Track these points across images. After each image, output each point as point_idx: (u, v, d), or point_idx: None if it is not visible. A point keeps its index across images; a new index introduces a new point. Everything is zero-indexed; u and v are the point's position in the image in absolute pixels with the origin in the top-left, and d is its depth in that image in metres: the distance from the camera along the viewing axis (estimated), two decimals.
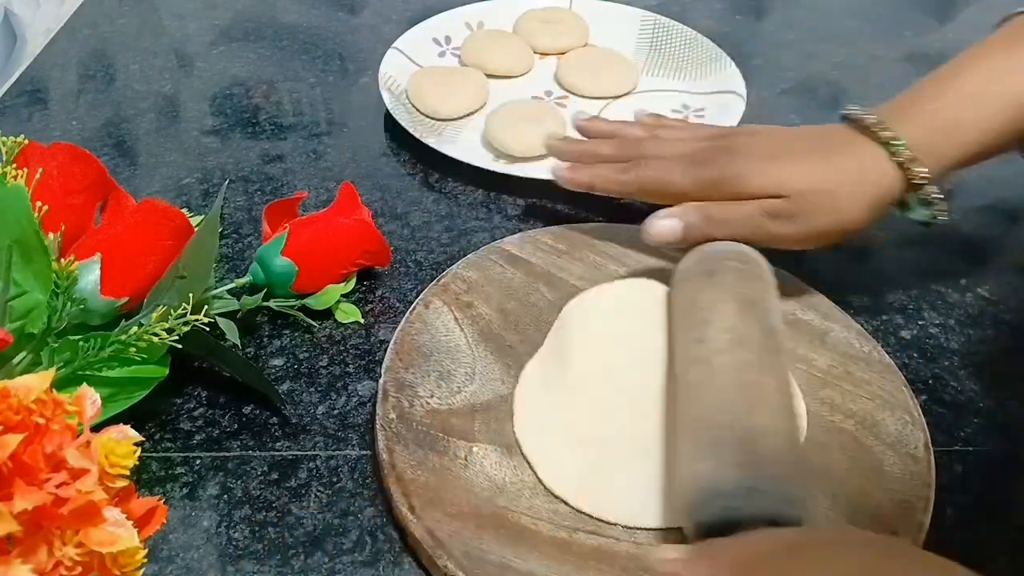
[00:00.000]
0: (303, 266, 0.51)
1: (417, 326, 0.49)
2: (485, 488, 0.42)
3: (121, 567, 0.30)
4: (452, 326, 0.49)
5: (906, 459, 0.44)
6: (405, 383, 0.46)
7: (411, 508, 0.40)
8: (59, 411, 0.30)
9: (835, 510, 0.41)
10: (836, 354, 0.49)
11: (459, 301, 0.51)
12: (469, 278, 0.52)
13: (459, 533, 0.39)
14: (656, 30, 0.80)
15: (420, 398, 0.45)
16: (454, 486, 0.41)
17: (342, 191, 0.54)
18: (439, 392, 0.46)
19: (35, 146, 0.47)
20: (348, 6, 0.87)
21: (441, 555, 0.38)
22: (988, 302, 0.57)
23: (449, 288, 0.52)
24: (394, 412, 0.44)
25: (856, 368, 0.48)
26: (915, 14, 0.90)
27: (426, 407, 0.45)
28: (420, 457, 0.42)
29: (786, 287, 0.52)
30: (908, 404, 0.46)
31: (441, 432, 0.44)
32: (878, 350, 0.49)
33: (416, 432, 0.43)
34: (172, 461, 0.45)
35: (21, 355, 0.41)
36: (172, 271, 0.45)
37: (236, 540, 0.41)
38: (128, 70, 0.76)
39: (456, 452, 0.43)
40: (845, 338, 0.50)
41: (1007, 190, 0.67)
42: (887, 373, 0.48)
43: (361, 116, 0.71)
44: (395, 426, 0.43)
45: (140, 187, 0.62)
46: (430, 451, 0.43)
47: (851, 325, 0.51)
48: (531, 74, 0.77)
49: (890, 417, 0.46)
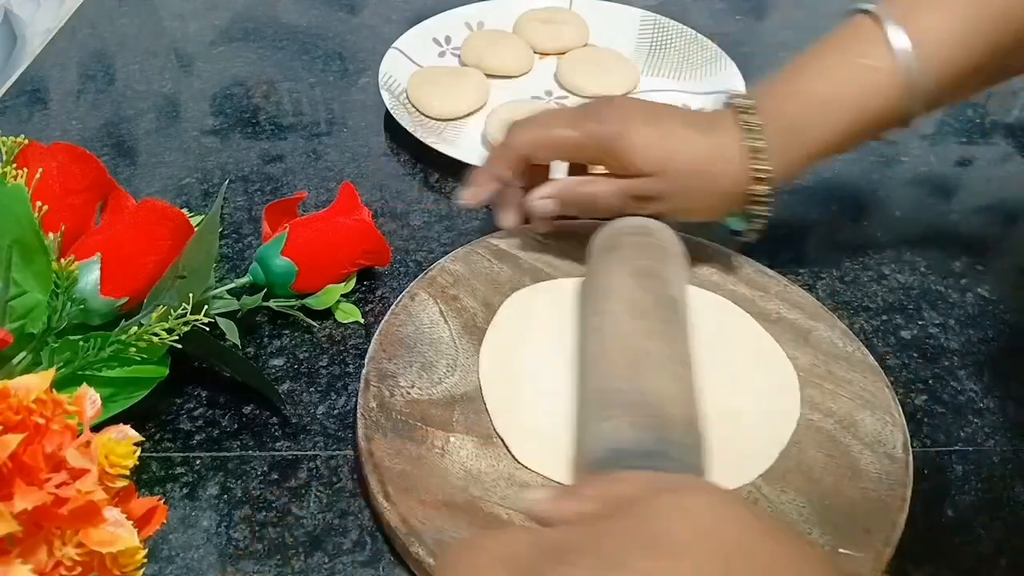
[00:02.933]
0: (303, 266, 0.51)
1: (402, 317, 0.50)
2: (460, 477, 0.42)
3: (121, 567, 0.30)
4: (437, 318, 0.50)
5: (883, 459, 0.44)
6: (387, 373, 0.46)
7: (386, 495, 0.41)
8: (59, 411, 0.30)
9: (809, 507, 0.42)
10: (819, 353, 0.49)
11: (445, 294, 0.51)
12: (456, 271, 0.53)
13: (432, 520, 0.40)
14: (656, 30, 0.80)
15: (401, 388, 0.46)
16: (430, 475, 0.42)
17: (342, 191, 0.54)
18: (420, 382, 0.46)
19: (35, 146, 0.47)
20: (348, 6, 0.87)
21: (413, 542, 0.39)
22: (988, 302, 0.57)
23: (436, 281, 0.52)
24: (375, 401, 0.45)
25: (838, 367, 0.48)
26: None
27: (406, 397, 0.45)
28: (398, 446, 0.43)
29: (770, 284, 0.53)
30: (889, 404, 0.46)
31: (420, 422, 0.44)
32: (862, 350, 0.50)
33: (395, 421, 0.44)
34: (172, 461, 0.45)
35: (21, 355, 0.41)
36: (172, 271, 0.45)
37: (236, 540, 0.41)
38: (128, 70, 0.76)
39: (434, 441, 0.44)
40: (828, 337, 0.50)
41: (1007, 190, 0.67)
42: (870, 373, 0.48)
43: (361, 116, 0.71)
44: (375, 415, 0.44)
45: (140, 187, 0.62)
46: (408, 440, 0.43)
47: (836, 325, 0.51)
48: (531, 74, 0.77)
49: (870, 417, 0.46)
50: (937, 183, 0.67)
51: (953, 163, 0.68)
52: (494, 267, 0.54)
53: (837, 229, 0.61)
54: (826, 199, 0.65)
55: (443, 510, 0.40)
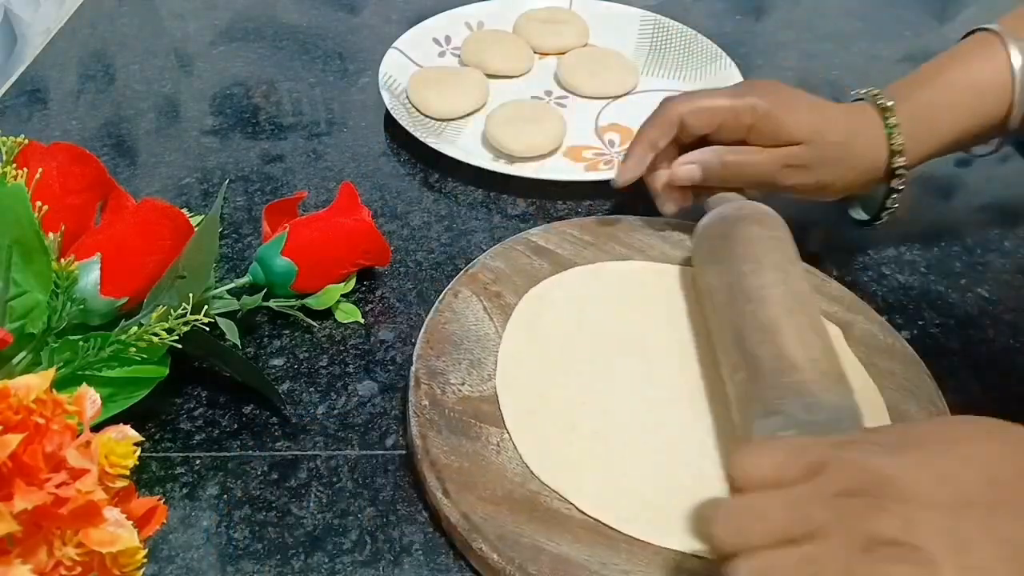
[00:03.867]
0: (303, 266, 0.51)
1: (447, 315, 0.50)
2: (518, 473, 0.43)
3: (121, 567, 0.30)
4: (481, 315, 0.50)
5: None
6: (436, 371, 0.47)
7: (445, 492, 0.41)
8: (59, 411, 0.30)
9: None
10: (861, 345, 0.50)
11: (487, 291, 0.52)
12: (497, 268, 0.53)
13: (493, 517, 0.40)
14: (656, 30, 0.80)
15: (452, 385, 0.46)
16: (487, 471, 0.42)
17: (342, 191, 0.54)
18: (470, 380, 0.47)
19: (35, 146, 0.47)
20: (348, 6, 0.87)
21: (476, 538, 0.39)
22: (988, 302, 0.57)
23: (478, 278, 0.52)
24: (427, 399, 0.45)
25: (880, 359, 0.49)
26: (915, 14, 0.90)
27: (458, 394, 0.46)
28: (453, 443, 0.43)
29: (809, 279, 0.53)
30: (932, 394, 0.47)
31: (473, 419, 0.45)
32: (901, 342, 0.50)
33: (448, 419, 0.44)
34: (172, 461, 0.45)
35: (21, 355, 0.41)
36: (172, 271, 0.45)
37: (236, 540, 0.41)
38: (128, 70, 0.76)
39: (488, 438, 0.44)
40: (869, 330, 0.51)
41: (1007, 190, 0.67)
42: (911, 364, 0.49)
43: (361, 116, 0.71)
44: (428, 413, 0.44)
45: (140, 187, 0.62)
46: (463, 437, 0.44)
47: (874, 317, 0.52)
48: (531, 74, 0.77)
49: (915, 407, 0.46)
50: (937, 183, 0.67)
51: (953, 163, 0.68)
52: (534, 263, 0.54)
53: (837, 229, 0.61)
54: None
55: (503, 505, 0.41)
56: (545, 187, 0.63)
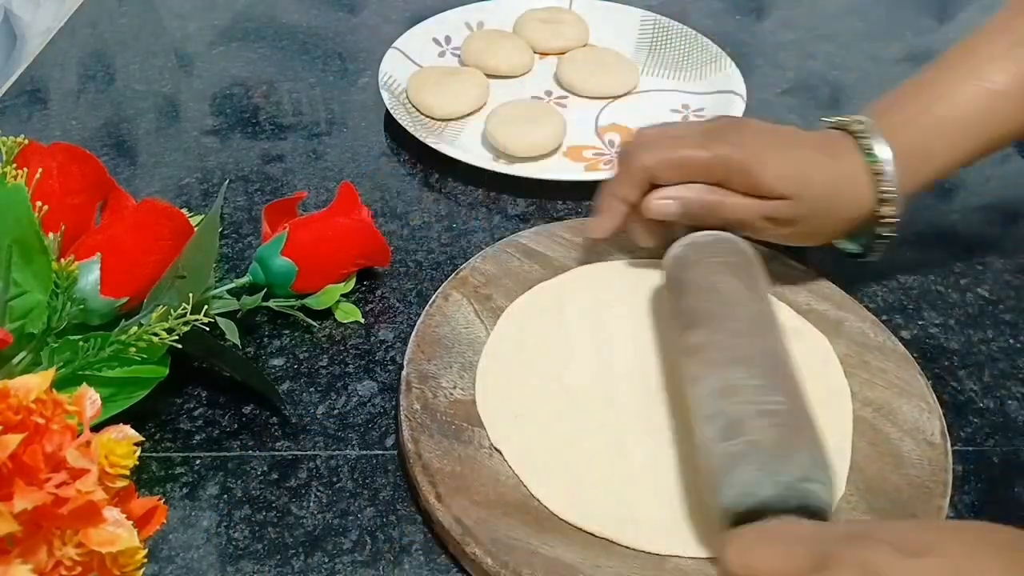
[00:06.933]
0: (303, 266, 0.51)
1: (437, 319, 0.50)
2: (511, 476, 0.42)
3: (121, 567, 0.30)
4: (472, 318, 0.50)
5: (923, 445, 0.44)
6: (428, 374, 0.46)
7: (438, 496, 0.41)
8: (59, 411, 0.30)
9: (856, 495, 0.42)
10: (852, 343, 0.50)
11: (478, 294, 0.52)
12: (487, 271, 0.53)
13: (486, 520, 0.40)
14: (656, 30, 0.80)
15: (443, 389, 0.46)
16: (480, 475, 0.42)
17: (342, 191, 0.54)
18: (462, 383, 0.46)
19: (35, 146, 0.47)
20: (348, 6, 0.87)
21: (469, 542, 0.39)
22: (988, 302, 0.57)
23: (467, 281, 0.52)
24: (418, 403, 0.45)
25: (872, 357, 0.49)
26: (915, 14, 0.90)
27: (449, 397, 0.46)
28: (445, 447, 0.43)
29: (799, 276, 0.54)
30: (924, 392, 0.47)
31: (465, 422, 0.45)
32: (892, 340, 0.50)
33: (440, 422, 0.44)
34: (172, 461, 0.45)
35: (21, 355, 0.41)
36: (172, 271, 0.45)
37: (236, 540, 0.41)
38: (128, 70, 0.76)
39: (480, 442, 0.44)
40: (860, 328, 0.51)
41: (1007, 190, 0.67)
42: (902, 362, 0.49)
43: (361, 116, 0.71)
44: (420, 416, 0.44)
45: (140, 187, 0.62)
46: (455, 441, 0.43)
47: (865, 315, 0.52)
48: (531, 74, 0.77)
49: (907, 405, 0.46)
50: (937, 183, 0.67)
51: None
52: (524, 266, 0.54)
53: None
54: None
55: (496, 509, 0.41)
56: (545, 187, 0.63)
